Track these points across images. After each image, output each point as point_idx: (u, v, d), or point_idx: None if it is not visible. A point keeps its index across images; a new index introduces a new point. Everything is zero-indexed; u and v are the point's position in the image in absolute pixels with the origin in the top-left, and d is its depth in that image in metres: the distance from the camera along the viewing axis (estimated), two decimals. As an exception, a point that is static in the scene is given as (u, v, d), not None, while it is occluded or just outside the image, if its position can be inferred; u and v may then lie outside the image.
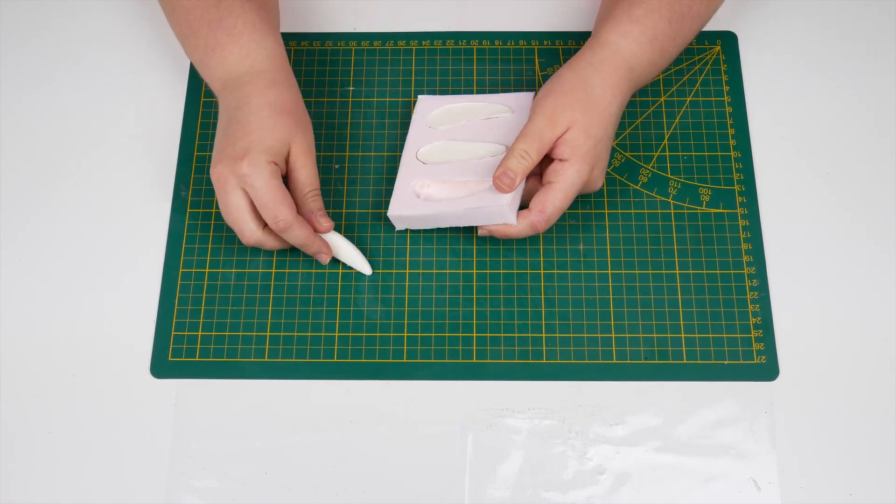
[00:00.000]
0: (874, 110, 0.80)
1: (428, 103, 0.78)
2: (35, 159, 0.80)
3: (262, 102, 0.70)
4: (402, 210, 0.73)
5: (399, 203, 0.73)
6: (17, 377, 0.72)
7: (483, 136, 0.75)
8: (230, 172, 0.67)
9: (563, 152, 0.69)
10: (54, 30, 0.85)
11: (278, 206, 0.68)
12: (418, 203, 0.73)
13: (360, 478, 0.69)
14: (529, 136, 0.69)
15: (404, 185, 0.74)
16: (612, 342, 0.72)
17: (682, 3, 0.72)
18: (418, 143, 0.76)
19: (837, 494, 0.67)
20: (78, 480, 0.69)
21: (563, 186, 0.69)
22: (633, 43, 0.71)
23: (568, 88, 0.70)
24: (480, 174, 0.72)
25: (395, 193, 0.74)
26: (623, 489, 0.68)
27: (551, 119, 0.69)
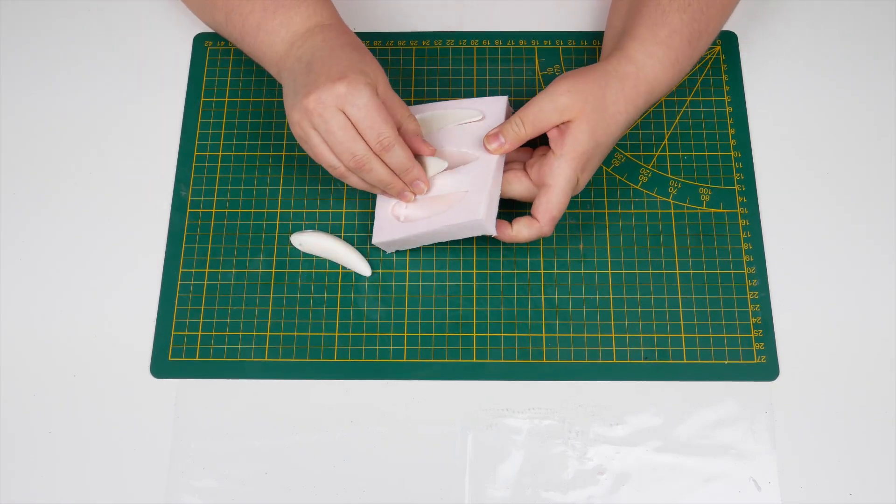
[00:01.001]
0: (874, 110, 0.80)
1: None
2: (35, 159, 0.80)
3: (344, 42, 0.70)
4: (384, 235, 0.72)
5: (381, 229, 0.72)
6: (17, 377, 0.72)
7: (455, 142, 0.73)
8: (329, 95, 0.66)
9: (561, 144, 0.68)
10: (54, 30, 0.85)
11: (383, 123, 0.66)
12: (398, 226, 0.72)
13: (360, 478, 0.69)
14: (531, 109, 0.69)
15: (383, 208, 0.73)
16: (612, 342, 0.72)
17: (700, 21, 0.72)
18: None
19: (837, 494, 0.67)
20: (78, 480, 0.69)
21: (561, 187, 0.69)
22: (658, 65, 0.71)
23: (587, 83, 0.69)
24: (454, 185, 0.71)
25: (377, 219, 0.73)
26: (623, 489, 0.68)
27: (562, 101, 0.68)
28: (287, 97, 0.70)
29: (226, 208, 0.77)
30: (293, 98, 0.68)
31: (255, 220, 0.77)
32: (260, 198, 0.78)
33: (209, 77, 0.82)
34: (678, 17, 0.71)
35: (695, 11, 0.71)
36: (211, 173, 0.79)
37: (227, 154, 0.79)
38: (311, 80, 0.67)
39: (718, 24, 0.75)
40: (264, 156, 0.79)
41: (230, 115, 0.81)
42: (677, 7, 0.71)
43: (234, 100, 0.81)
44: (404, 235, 0.71)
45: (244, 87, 0.82)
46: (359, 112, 0.66)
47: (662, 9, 0.71)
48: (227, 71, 0.82)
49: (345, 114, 0.66)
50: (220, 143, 0.80)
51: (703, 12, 0.72)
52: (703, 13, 0.72)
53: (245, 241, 0.76)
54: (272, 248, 0.76)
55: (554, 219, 0.69)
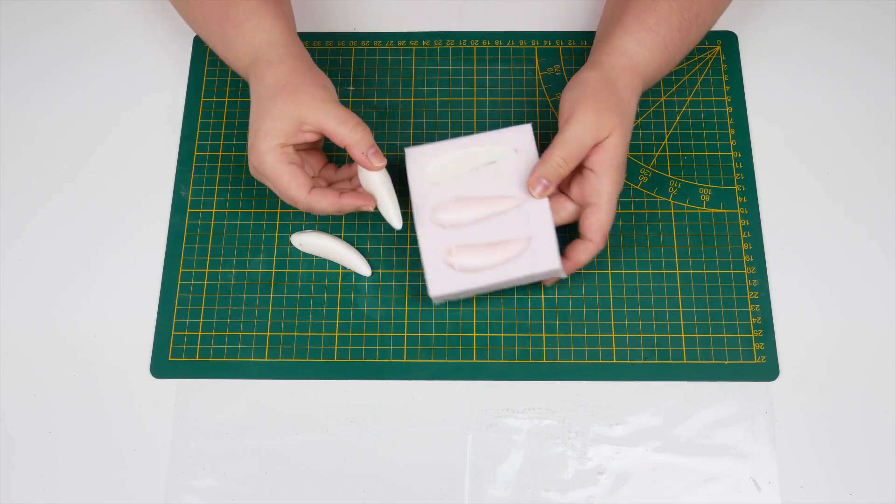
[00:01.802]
0: (874, 110, 0.80)
1: (418, 156, 0.71)
2: (35, 160, 0.80)
3: (260, 89, 0.69)
4: (445, 289, 0.68)
5: (438, 281, 0.68)
6: (17, 377, 0.72)
7: (494, 185, 0.70)
8: (252, 168, 0.70)
9: (598, 162, 0.67)
10: (54, 30, 0.85)
11: (287, 189, 0.68)
12: (460, 277, 0.68)
13: (360, 478, 0.69)
14: (569, 143, 0.67)
15: (432, 256, 0.68)
16: (612, 342, 0.72)
17: (690, 11, 0.72)
18: (426, 203, 0.70)
19: (837, 494, 0.67)
20: (78, 480, 0.69)
21: (608, 202, 0.68)
22: (646, 51, 0.70)
23: (602, 93, 0.68)
24: (509, 229, 0.68)
25: (428, 270, 0.68)
26: (623, 489, 0.68)
27: (594, 125, 0.67)
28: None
29: (226, 208, 0.77)
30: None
31: (255, 220, 0.77)
32: (260, 198, 0.78)
33: (209, 77, 0.82)
34: (667, 5, 0.71)
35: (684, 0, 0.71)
36: (211, 173, 0.79)
37: (227, 154, 0.79)
38: (250, 130, 0.70)
39: (710, 15, 0.74)
40: (264, 156, 0.79)
41: (230, 115, 0.81)
42: None
43: (234, 100, 0.81)
44: (466, 287, 0.68)
45: (244, 87, 0.82)
46: (268, 182, 0.69)
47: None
48: (227, 71, 0.82)
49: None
50: (220, 143, 0.80)
51: (694, 1, 0.72)
52: (693, 1, 0.72)
53: (245, 241, 0.76)
54: (272, 248, 0.76)
55: (606, 234, 0.69)
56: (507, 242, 0.68)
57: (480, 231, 0.69)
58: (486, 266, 0.68)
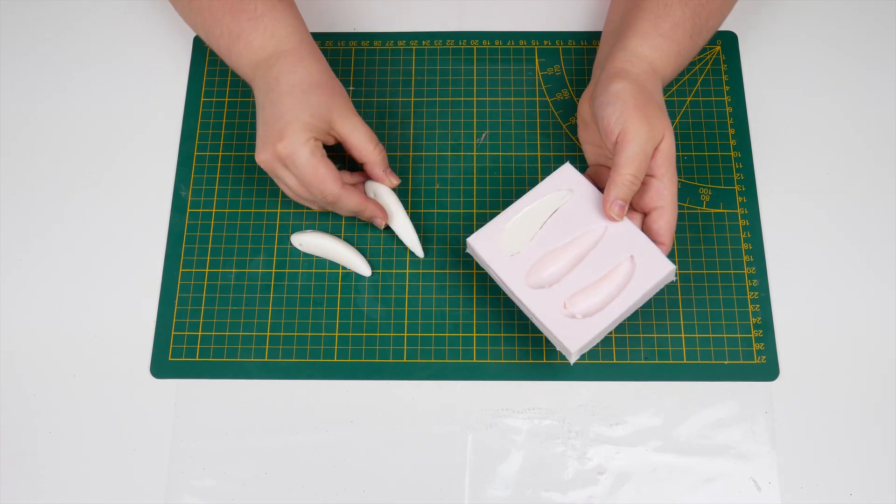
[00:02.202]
0: (874, 110, 0.80)
1: (483, 239, 0.69)
2: (35, 160, 0.80)
3: (292, 82, 0.69)
4: (582, 340, 0.65)
5: (571, 336, 0.65)
6: (17, 377, 0.72)
7: (570, 228, 0.68)
8: (273, 157, 0.69)
9: (657, 167, 0.67)
10: (54, 30, 0.85)
11: (322, 182, 0.69)
12: (589, 323, 0.66)
13: (360, 478, 0.69)
14: (635, 159, 0.66)
15: (553, 318, 0.66)
16: (612, 342, 0.72)
17: (701, 16, 0.72)
18: (517, 275, 0.68)
19: (837, 494, 0.67)
20: (78, 480, 0.69)
21: (673, 204, 0.68)
22: (663, 56, 0.71)
23: (644, 101, 0.67)
24: (606, 262, 0.67)
25: (558, 332, 0.65)
26: (623, 489, 0.68)
27: (650, 135, 0.66)
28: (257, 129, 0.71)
29: (226, 208, 0.77)
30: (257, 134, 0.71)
31: (255, 220, 0.77)
32: (260, 198, 0.78)
33: (209, 77, 0.82)
34: (680, 11, 0.71)
35: (696, 5, 0.71)
36: (211, 173, 0.79)
37: (227, 154, 0.79)
38: (262, 133, 0.70)
39: (718, 19, 0.74)
40: (264, 156, 0.79)
41: (230, 115, 0.81)
42: (679, 1, 0.71)
43: (234, 100, 0.81)
44: (601, 329, 0.66)
45: (244, 87, 0.82)
46: (299, 172, 0.69)
47: (664, 2, 0.71)
48: (227, 71, 0.82)
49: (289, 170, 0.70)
50: (220, 143, 0.80)
51: (704, 6, 0.72)
52: (703, 7, 0.72)
53: (245, 241, 0.76)
54: (272, 248, 0.76)
55: (673, 234, 0.69)
56: (612, 272, 0.67)
57: (582, 275, 0.67)
58: (605, 301, 0.66)
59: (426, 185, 0.78)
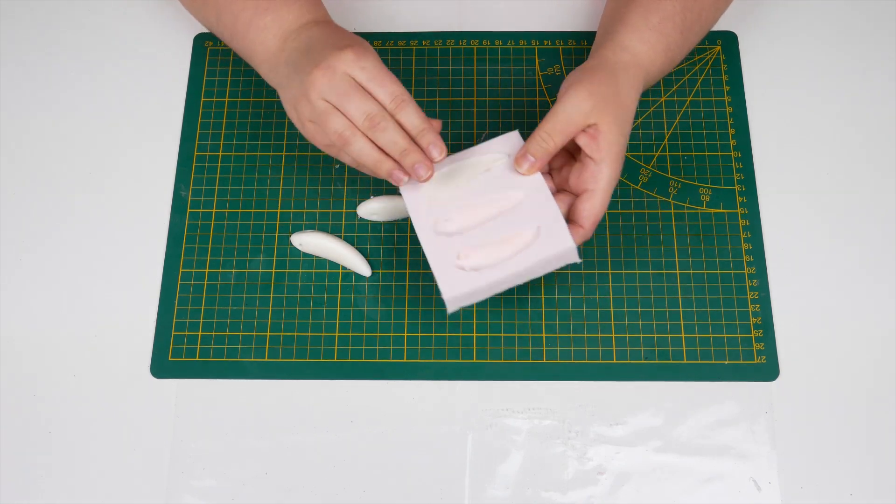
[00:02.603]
0: (874, 110, 0.80)
1: (410, 184, 0.68)
2: (35, 160, 0.80)
3: (340, 30, 0.70)
4: (458, 289, 0.65)
5: (450, 283, 0.66)
6: (17, 377, 0.72)
7: (492, 189, 0.69)
8: (337, 62, 0.65)
9: (597, 149, 0.67)
10: (54, 30, 0.85)
11: (393, 82, 0.65)
12: (473, 275, 0.66)
13: (360, 478, 0.69)
14: (556, 118, 0.67)
15: (440, 263, 0.67)
16: (612, 342, 0.72)
17: (692, 11, 0.72)
18: (428, 219, 0.68)
19: (837, 494, 0.67)
20: (78, 480, 0.69)
21: (604, 190, 0.67)
22: (651, 51, 0.71)
23: (602, 85, 0.68)
24: (514, 227, 0.67)
25: (439, 276, 0.66)
26: (623, 489, 0.68)
27: (585, 106, 0.67)
28: (287, 86, 0.69)
29: (226, 208, 0.77)
30: (297, 78, 0.67)
31: (255, 220, 0.77)
32: (260, 198, 0.78)
33: (209, 77, 0.82)
34: (670, 5, 0.71)
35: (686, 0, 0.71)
36: (211, 173, 0.79)
37: (227, 154, 0.79)
38: (314, 56, 0.67)
39: (711, 16, 0.74)
40: (264, 156, 0.79)
41: (230, 115, 0.81)
42: None
43: (234, 100, 0.81)
44: (482, 284, 0.66)
45: (244, 87, 0.82)
46: (368, 73, 0.65)
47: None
48: (227, 71, 0.82)
49: (353, 78, 0.65)
50: (220, 143, 0.80)
51: (696, 1, 0.72)
52: (695, 2, 0.72)
53: (245, 241, 0.76)
54: (272, 248, 0.76)
55: (597, 223, 0.68)
56: (515, 236, 0.67)
57: (486, 233, 0.67)
58: (497, 262, 0.67)
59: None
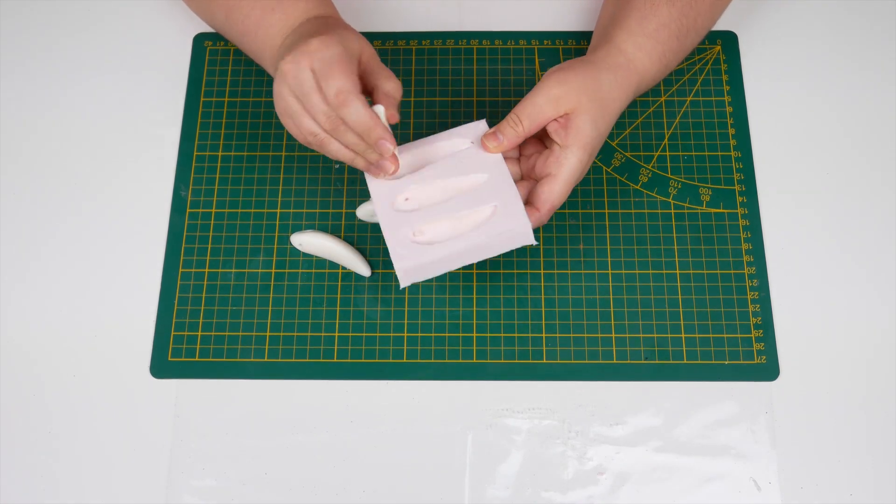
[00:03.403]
0: (874, 110, 0.80)
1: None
2: (35, 160, 0.80)
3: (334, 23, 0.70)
4: (409, 259, 0.66)
5: (403, 254, 0.66)
6: (17, 377, 0.72)
7: (452, 171, 0.69)
8: (301, 54, 0.64)
9: (566, 136, 0.67)
10: (54, 30, 0.85)
11: (340, 75, 0.64)
12: (426, 248, 0.66)
13: (360, 478, 0.69)
14: (526, 105, 0.68)
15: (395, 237, 0.67)
16: (612, 342, 0.72)
17: (688, 17, 0.72)
18: (387, 197, 0.68)
19: (837, 494, 0.67)
20: (78, 480, 0.69)
21: (566, 177, 0.67)
22: (646, 57, 0.71)
23: (578, 75, 0.68)
24: (473, 204, 0.67)
25: (392, 248, 0.66)
26: (623, 489, 0.68)
27: (556, 93, 0.67)
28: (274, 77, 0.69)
29: (226, 208, 0.77)
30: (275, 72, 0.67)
31: (255, 220, 0.77)
32: (260, 198, 0.78)
33: (209, 77, 0.82)
34: (666, 11, 0.71)
35: (683, 6, 0.71)
36: (211, 173, 0.79)
37: (227, 154, 0.79)
38: (289, 45, 0.67)
39: (707, 21, 0.74)
40: (264, 156, 0.79)
41: (230, 115, 0.81)
42: (666, 0, 0.71)
43: (234, 100, 0.81)
44: (434, 257, 0.66)
45: (244, 87, 0.82)
46: (320, 65, 0.64)
47: (652, 1, 0.71)
48: (227, 71, 0.82)
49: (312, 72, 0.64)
50: (220, 143, 0.80)
51: (692, 7, 0.72)
52: (691, 8, 0.72)
53: (245, 241, 0.76)
54: (272, 248, 0.76)
55: (554, 208, 0.68)
56: (472, 213, 0.67)
57: (444, 211, 0.67)
58: (451, 237, 0.67)
59: (426, 185, 0.78)
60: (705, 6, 0.73)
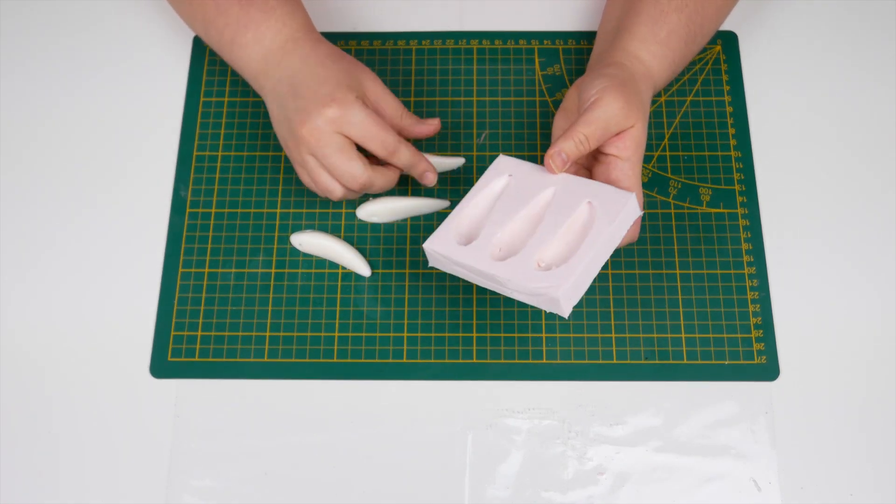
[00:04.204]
0: (874, 110, 0.80)
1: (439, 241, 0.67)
2: (35, 160, 0.80)
3: (320, 56, 0.71)
4: (566, 282, 0.62)
5: (556, 283, 0.62)
6: (18, 377, 0.72)
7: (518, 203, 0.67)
8: (322, 121, 0.67)
9: (625, 148, 0.66)
10: (54, 30, 0.85)
11: (383, 130, 0.69)
12: (567, 267, 0.63)
13: (360, 478, 0.69)
14: (595, 123, 0.65)
15: (531, 277, 0.63)
16: (612, 342, 0.72)
17: (695, 22, 0.72)
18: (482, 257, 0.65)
19: (837, 494, 0.67)
20: (78, 480, 0.69)
21: (635, 187, 0.67)
22: (659, 65, 0.71)
23: (629, 86, 0.67)
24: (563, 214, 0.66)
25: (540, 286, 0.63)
26: (623, 489, 0.68)
27: (623, 111, 0.66)
28: (278, 122, 0.71)
29: (226, 208, 0.77)
30: (286, 125, 0.70)
31: (255, 220, 0.77)
32: (260, 198, 0.78)
33: (209, 77, 0.82)
34: (676, 17, 0.71)
35: (691, 12, 0.71)
36: (211, 173, 0.79)
37: (226, 154, 0.79)
38: (301, 106, 0.68)
39: (714, 26, 0.75)
40: (264, 156, 0.79)
41: (230, 115, 0.81)
42: (674, 7, 0.71)
43: (233, 100, 0.81)
44: (580, 269, 0.63)
45: (244, 87, 0.82)
46: (357, 130, 0.68)
47: (661, 8, 0.71)
48: (226, 71, 0.82)
49: (342, 135, 0.68)
50: (220, 143, 0.80)
51: (699, 13, 0.72)
52: (698, 13, 0.72)
53: (245, 241, 0.76)
54: (272, 248, 0.76)
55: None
56: (573, 219, 0.66)
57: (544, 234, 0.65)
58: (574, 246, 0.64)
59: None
60: (711, 11, 0.73)
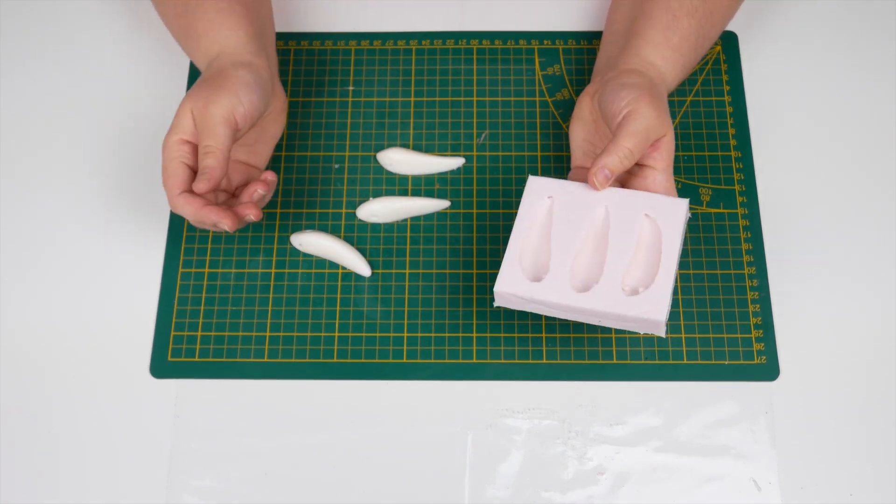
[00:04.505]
0: (874, 110, 0.80)
1: (509, 282, 0.65)
2: (35, 159, 0.80)
3: (211, 73, 0.70)
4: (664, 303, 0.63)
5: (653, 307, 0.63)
6: (18, 377, 0.72)
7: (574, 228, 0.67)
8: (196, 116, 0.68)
9: (660, 159, 0.67)
10: (53, 29, 0.85)
11: (165, 180, 0.68)
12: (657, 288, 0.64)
13: (360, 478, 0.69)
14: (637, 135, 0.65)
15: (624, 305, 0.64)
16: (612, 342, 0.72)
17: (704, 27, 0.72)
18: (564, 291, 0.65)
19: (837, 494, 0.67)
20: (78, 480, 0.69)
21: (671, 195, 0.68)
22: (671, 70, 0.71)
23: (657, 95, 0.67)
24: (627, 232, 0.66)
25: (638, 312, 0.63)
26: (623, 489, 0.68)
27: (657, 121, 0.65)
28: None
29: (226, 208, 0.77)
30: None
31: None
32: (260, 198, 0.77)
33: (209, 77, 0.82)
34: (687, 23, 0.71)
35: (701, 17, 0.71)
36: (211, 173, 0.78)
37: (227, 154, 0.79)
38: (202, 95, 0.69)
39: (719, 30, 0.75)
40: (264, 156, 0.79)
41: (230, 115, 0.81)
42: (686, 12, 0.71)
43: (234, 100, 0.81)
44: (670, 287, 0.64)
45: (244, 87, 0.82)
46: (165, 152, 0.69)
47: (673, 13, 0.71)
48: (227, 71, 0.82)
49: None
50: (220, 143, 0.80)
51: (708, 18, 0.72)
52: (707, 19, 0.72)
53: (245, 241, 0.76)
54: (272, 248, 0.76)
55: None
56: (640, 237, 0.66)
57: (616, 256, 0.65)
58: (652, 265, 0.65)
59: (426, 184, 0.78)
60: (719, 17, 0.73)
